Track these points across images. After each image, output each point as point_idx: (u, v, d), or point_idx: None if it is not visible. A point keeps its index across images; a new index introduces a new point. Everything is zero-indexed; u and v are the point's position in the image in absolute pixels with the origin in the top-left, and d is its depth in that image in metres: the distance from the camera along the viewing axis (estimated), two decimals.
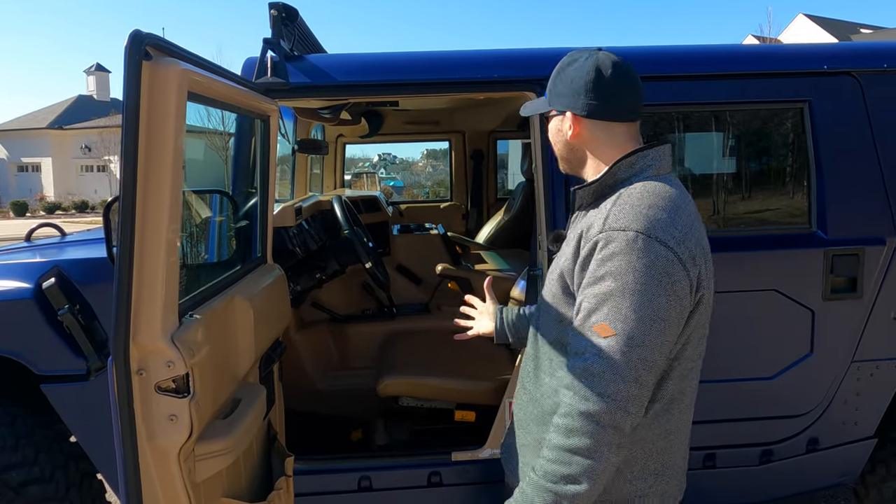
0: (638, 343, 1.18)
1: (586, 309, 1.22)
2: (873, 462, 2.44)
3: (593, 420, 1.18)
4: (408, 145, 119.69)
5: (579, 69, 1.34)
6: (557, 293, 1.35)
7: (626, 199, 1.28)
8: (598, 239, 1.24)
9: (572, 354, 1.25)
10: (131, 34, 1.11)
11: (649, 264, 1.20)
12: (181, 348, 1.24)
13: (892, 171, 2.26)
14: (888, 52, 2.30)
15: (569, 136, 1.38)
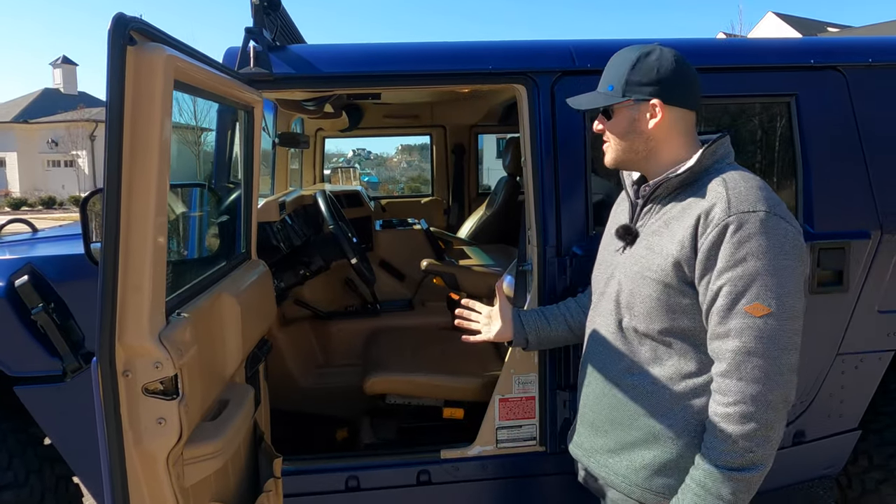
0: (790, 315, 1.25)
1: (733, 292, 1.26)
2: (856, 453, 2.47)
3: (766, 401, 1.23)
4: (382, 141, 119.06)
5: (662, 59, 1.40)
6: (670, 282, 1.36)
7: (736, 183, 1.33)
8: (729, 222, 1.27)
9: (721, 337, 1.28)
10: (115, 17, 1.05)
11: (783, 240, 1.27)
12: (169, 348, 1.19)
13: (876, 166, 2.27)
14: (873, 47, 2.32)
15: (650, 125, 1.41)
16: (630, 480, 1.47)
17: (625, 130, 1.44)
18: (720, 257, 1.28)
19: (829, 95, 2.27)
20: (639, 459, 1.45)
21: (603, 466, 1.54)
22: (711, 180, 1.36)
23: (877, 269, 2.28)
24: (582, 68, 2.20)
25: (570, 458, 2.29)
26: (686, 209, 1.36)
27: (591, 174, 2.22)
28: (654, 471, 1.43)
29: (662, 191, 1.43)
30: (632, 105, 1.42)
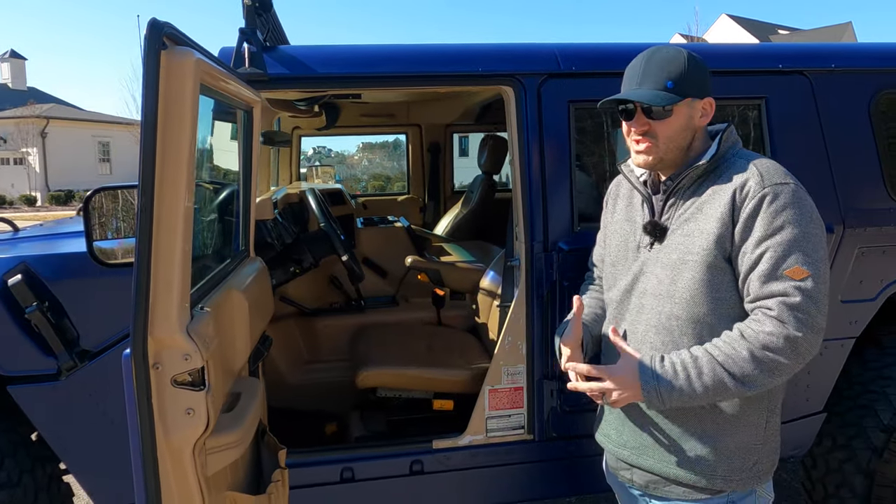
0: (824, 279, 1.37)
1: (775, 257, 1.36)
2: (821, 435, 2.61)
3: (795, 346, 1.33)
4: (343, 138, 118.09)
5: (700, 60, 1.51)
6: (713, 261, 1.43)
7: (761, 161, 1.45)
8: (765, 193, 1.38)
9: (764, 297, 1.37)
10: (150, 23, 1.09)
11: (811, 211, 1.40)
12: (197, 341, 1.23)
13: (838, 164, 2.42)
14: (836, 54, 2.47)
15: (701, 121, 1.52)
16: (695, 470, 1.50)
17: (681, 128, 1.49)
18: (758, 226, 1.38)
19: (795, 98, 2.41)
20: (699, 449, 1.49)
21: (661, 461, 1.54)
22: (734, 163, 1.47)
23: (840, 261, 2.42)
24: (567, 71, 2.29)
25: (557, 445, 2.41)
26: (717, 191, 1.45)
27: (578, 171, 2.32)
28: (716, 456, 1.48)
29: (687, 181, 1.50)
30: (690, 103, 1.48)
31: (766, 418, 1.51)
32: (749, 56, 2.42)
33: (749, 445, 1.50)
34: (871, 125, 2.43)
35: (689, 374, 1.38)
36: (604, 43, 2.46)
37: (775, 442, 1.57)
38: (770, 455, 1.55)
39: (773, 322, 1.34)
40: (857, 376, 2.59)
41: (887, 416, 2.43)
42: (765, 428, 1.52)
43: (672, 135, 1.49)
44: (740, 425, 1.49)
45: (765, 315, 1.36)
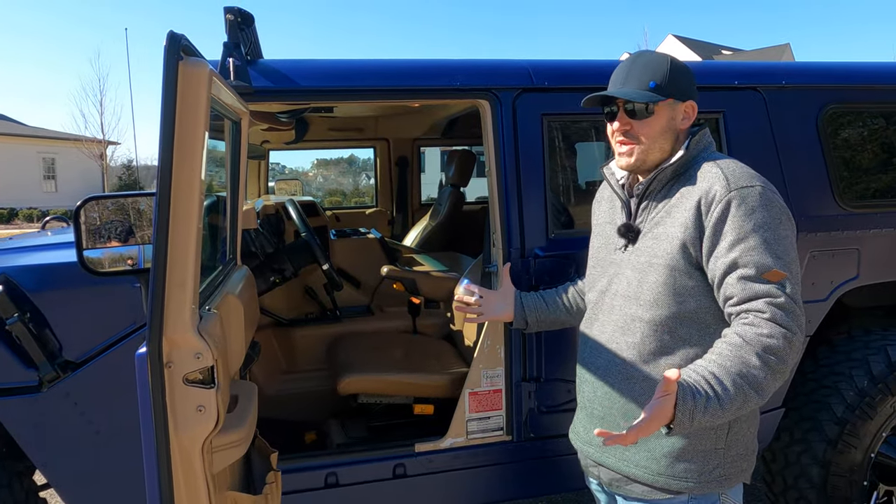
0: (798, 279, 1.39)
1: (752, 261, 1.36)
2: (779, 430, 2.76)
3: (791, 345, 1.33)
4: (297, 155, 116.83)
5: (684, 66, 1.55)
6: (676, 265, 1.44)
7: (727, 164, 1.47)
8: (731, 197, 1.39)
9: (747, 300, 1.36)
10: (169, 35, 1.15)
11: (780, 213, 1.41)
12: (208, 340, 1.28)
13: (790, 173, 2.59)
14: (786, 71, 2.65)
15: (683, 123, 1.54)
16: (652, 470, 1.51)
17: (662, 129, 1.51)
18: (728, 231, 1.38)
19: (750, 113, 2.58)
20: (657, 449, 1.50)
21: (621, 460, 1.56)
22: (702, 165, 1.48)
23: None
24: (539, 86, 2.41)
25: (535, 445, 2.49)
26: (685, 195, 1.46)
27: None
28: (675, 457, 1.49)
29: (657, 184, 1.52)
30: (672, 104, 1.51)
31: (728, 424, 1.49)
32: (707, 72, 2.58)
33: (709, 450, 1.49)
34: (819, 137, 2.61)
35: (716, 392, 1.31)
36: (574, 59, 2.59)
37: (742, 448, 1.54)
38: (735, 461, 1.52)
39: (769, 324, 1.33)
40: (811, 373, 2.75)
41: (840, 410, 2.59)
42: (727, 433, 1.50)
43: (653, 135, 1.51)
44: (702, 433, 1.48)
45: (758, 318, 1.34)
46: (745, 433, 1.54)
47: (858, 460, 2.60)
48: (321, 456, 2.40)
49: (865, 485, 2.65)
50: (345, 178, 34.41)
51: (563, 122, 2.47)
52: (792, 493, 2.72)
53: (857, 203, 2.64)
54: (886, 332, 2.79)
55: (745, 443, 1.55)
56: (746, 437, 1.55)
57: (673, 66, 1.52)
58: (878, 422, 2.60)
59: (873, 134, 2.76)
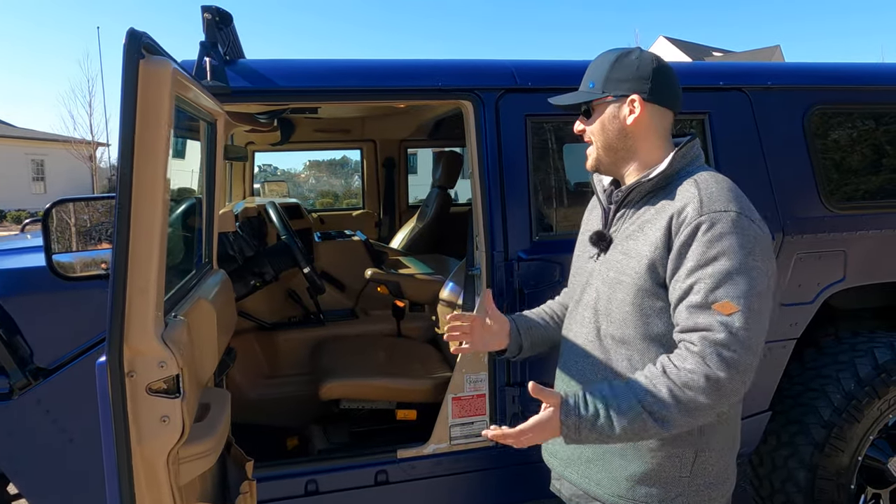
0: (757, 316, 1.26)
1: (704, 289, 1.27)
2: (766, 433, 2.74)
3: (717, 387, 1.23)
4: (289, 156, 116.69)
5: (641, 58, 1.43)
6: (644, 285, 1.36)
7: (707, 184, 1.35)
8: (701, 221, 1.29)
9: (689, 331, 1.28)
10: (129, 32, 1.11)
11: (753, 242, 1.29)
12: (172, 348, 1.24)
13: (777, 175, 2.57)
14: (771, 72, 2.63)
15: (629, 121, 1.42)
16: (612, 491, 1.46)
17: (606, 127, 1.44)
18: (691, 255, 1.29)
19: (735, 113, 2.55)
20: (619, 469, 1.45)
21: (583, 477, 1.52)
22: (683, 182, 1.38)
23: (780, 267, 2.56)
24: (523, 86, 2.38)
25: (519, 451, 2.45)
26: (660, 211, 1.38)
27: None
28: (636, 480, 1.43)
29: (635, 195, 1.44)
30: (612, 101, 1.43)
31: (694, 453, 1.42)
32: (692, 73, 2.56)
33: (670, 477, 1.42)
34: (805, 138, 2.59)
35: (609, 412, 1.29)
36: (556, 60, 2.56)
37: (711, 477, 1.45)
38: (701, 491, 1.44)
39: (694, 359, 1.26)
40: (797, 376, 2.73)
41: (827, 413, 2.57)
42: (693, 462, 1.42)
43: (597, 134, 1.46)
44: (661, 455, 1.42)
45: (687, 350, 1.28)
46: (715, 462, 1.45)
47: (845, 464, 2.59)
48: (301, 463, 2.36)
49: (853, 488, 2.64)
50: (337, 179, 34.34)
51: (548, 124, 2.43)
52: (779, 496, 2.70)
53: (843, 204, 2.62)
54: (873, 335, 2.77)
55: (715, 472, 1.45)
56: (717, 465, 1.45)
57: (616, 62, 1.44)
58: (866, 425, 2.58)
59: (860, 135, 2.74)
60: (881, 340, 2.69)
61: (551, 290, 2.33)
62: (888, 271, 2.66)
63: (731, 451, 1.50)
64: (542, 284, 2.33)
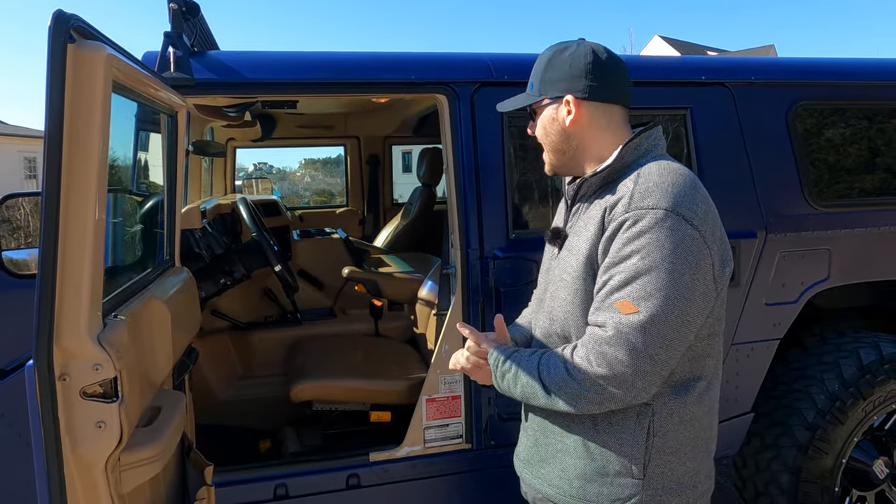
0: (659, 321, 1.20)
1: (611, 286, 1.24)
2: (749, 435, 2.69)
3: (596, 384, 1.24)
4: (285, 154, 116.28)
5: (575, 54, 1.36)
6: (582, 284, 1.33)
7: (647, 178, 1.28)
8: (626, 217, 1.24)
9: (592, 324, 1.27)
10: (55, 14, 1.04)
11: (677, 242, 1.21)
12: (109, 350, 1.17)
13: (760, 172, 2.51)
14: (755, 67, 2.58)
15: (567, 122, 1.36)
16: (564, 490, 1.42)
17: (548, 131, 1.41)
18: (611, 251, 1.26)
19: (718, 108, 2.50)
20: (571, 468, 1.41)
21: (537, 477, 1.49)
22: (627, 177, 1.32)
23: (763, 266, 2.51)
24: (499, 80, 2.32)
25: (496, 454, 2.40)
26: (601, 206, 1.33)
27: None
28: (587, 479, 1.39)
29: (586, 190, 1.39)
30: (549, 103, 1.39)
31: (646, 454, 1.34)
32: (674, 68, 2.51)
33: (622, 480, 1.36)
34: (789, 135, 2.54)
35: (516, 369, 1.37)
36: (534, 53, 2.50)
37: (671, 482, 1.36)
38: (657, 496, 1.36)
39: (581, 352, 1.26)
40: (781, 377, 2.69)
41: (811, 415, 2.53)
42: (645, 464, 1.34)
43: (542, 137, 1.44)
44: (610, 455, 1.36)
45: (581, 343, 1.28)
46: (675, 467, 1.36)
47: (829, 466, 2.54)
48: (270, 466, 2.29)
49: (837, 491, 2.59)
50: (332, 177, 34.19)
51: (525, 118, 2.37)
52: (763, 499, 2.66)
53: (828, 202, 2.57)
54: (858, 335, 2.73)
55: (675, 477, 1.36)
56: (678, 470, 1.36)
57: (550, 63, 1.39)
58: (850, 426, 2.54)
59: (845, 131, 2.69)
60: (866, 341, 2.65)
61: (527, 288, 2.27)
62: (873, 270, 2.62)
63: (702, 454, 1.41)
64: (517, 283, 2.27)
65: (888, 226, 2.59)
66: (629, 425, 1.34)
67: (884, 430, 2.69)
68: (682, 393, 1.33)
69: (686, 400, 1.34)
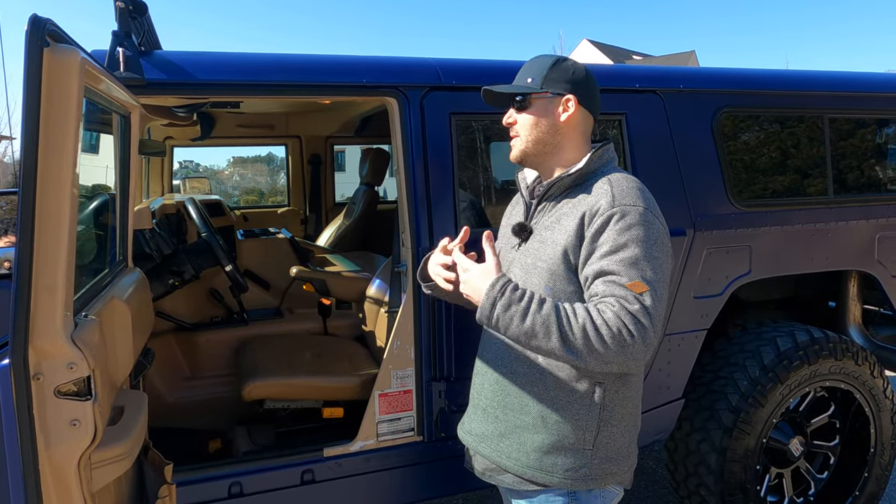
0: (659, 299, 1.39)
1: (617, 270, 1.39)
2: (680, 420, 2.87)
3: (623, 344, 1.33)
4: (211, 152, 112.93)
5: (576, 66, 1.58)
6: (557, 270, 1.49)
7: (620, 183, 1.50)
8: (615, 212, 1.43)
9: (612, 296, 1.37)
10: (31, 19, 1.05)
11: (657, 234, 1.44)
12: (83, 349, 1.19)
13: (688, 174, 2.69)
14: (683, 75, 2.76)
15: (563, 117, 1.55)
16: (522, 462, 1.56)
17: (536, 120, 1.55)
18: (604, 241, 1.43)
19: (650, 114, 2.66)
20: (529, 442, 1.55)
21: (495, 451, 1.61)
22: (598, 180, 1.52)
23: (692, 261, 2.69)
24: (447, 84, 2.40)
25: (446, 445, 2.48)
26: (576, 205, 1.51)
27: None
28: (544, 452, 1.54)
29: (556, 190, 1.56)
30: (549, 97, 1.55)
31: (597, 426, 1.53)
32: (612, 76, 2.65)
33: (576, 448, 1.53)
34: (713, 139, 2.73)
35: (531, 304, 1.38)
36: (481, 59, 2.60)
37: (612, 452, 1.56)
38: (602, 464, 1.55)
39: (610, 311, 1.36)
40: (708, 364, 2.88)
41: (735, 399, 2.72)
42: (596, 436, 1.53)
43: (530, 127, 1.57)
44: (567, 428, 1.52)
45: (607, 306, 1.37)
46: (618, 437, 1.57)
47: (752, 446, 2.74)
48: (224, 465, 2.30)
49: (758, 469, 2.80)
50: (262, 176, 33.43)
51: (473, 122, 2.47)
52: (693, 479, 2.84)
53: (748, 202, 2.78)
54: (777, 324, 2.95)
55: (616, 447, 1.57)
56: (619, 441, 1.57)
57: (555, 64, 1.58)
58: (769, 409, 2.74)
59: (764, 137, 2.91)
60: (783, 330, 2.87)
61: None
62: (788, 265, 2.84)
63: (633, 428, 1.62)
64: None
65: (800, 224, 2.82)
66: (586, 402, 1.51)
67: (798, 411, 2.92)
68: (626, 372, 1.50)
69: (628, 378, 1.55)
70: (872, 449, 3.00)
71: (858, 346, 2.92)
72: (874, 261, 3.00)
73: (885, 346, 3.23)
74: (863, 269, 3.00)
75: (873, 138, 3.10)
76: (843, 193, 2.96)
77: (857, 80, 3.06)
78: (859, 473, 3.03)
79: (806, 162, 2.94)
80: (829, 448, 3.02)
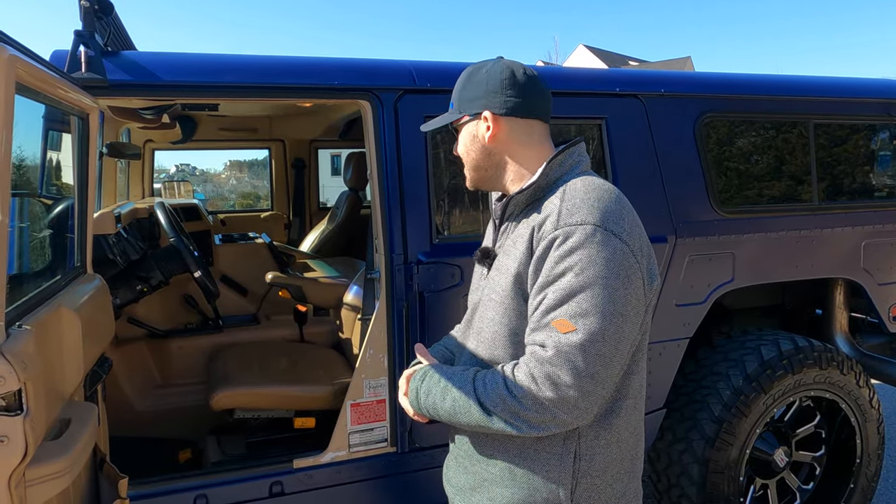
0: (597, 339, 1.17)
1: (546, 305, 1.21)
2: (662, 430, 2.82)
3: (540, 403, 1.18)
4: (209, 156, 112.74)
5: (492, 71, 1.35)
6: (510, 303, 1.31)
7: (573, 194, 1.27)
8: (556, 235, 1.22)
9: (531, 343, 1.23)
10: None
11: (608, 258, 1.19)
12: (12, 361, 1.12)
13: (670, 180, 2.64)
14: (665, 80, 2.71)
15: (486, 138, 1.35)
16: None
17: (469, 148, 1.40)
18: (543, 270, 1.23)
19: (631, 119, 2.61)
20: (498, 497, 1.36)
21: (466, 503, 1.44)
22: (553, 194, 1.30)
23: (673, 269, 2.64)
24: (422, 87, 2.35)
25: (420, 456, 2.42)
26: (528, 225, 1.31)
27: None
28: None
29: (513, 208, 1.37)
30: (468, 120, 1.38)
31: (572, 479, 1.31)
32: (590, 79, 2.60)
33: (549, 500, 1.31)
34: (696, 144, 2.68)
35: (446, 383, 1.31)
36: (457, 62, 2.54)
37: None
38: None
39: (523, 372, 1.21)
40: (691, 374, 2.83)
41: (718, 409, 2.67)
42: (572, 489, 1.31)
43: (465, 154, 1.42)
44: (538, 481, 1.32)
45: (523, 362, 1.23)
46: (602, 490, 1.33)
47: (735, 457, 2.69)
48: (189, 477, 2.24)
49: (742, 480, 2.75)
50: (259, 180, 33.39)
51: (449, 125, 2.41)
52: (675, 490, 2.78)
53: (731, 209, 2.73)
54: (761, 333, 2.90)
55: (603, 499, 1.34)
56: (605, 493, 1.34)
57: (467, 81, 1.39)
58: (753, 419, 2.69)
59: (748, 142, 2.86)
60: (767, 338, 2.82)
61: (450, 293, 2.31)
62: (772, 273, 2.79)
63: (627, 475, 1.37)
64: (441, 287, 2.30)
65: (784, 231, 2.77)
66: (556, 450, 1.30)
67: (783, 421, 2.87)
68: (607, 414, 1.29)
69: (612, 421, 1.30)
70: (858, 459, 2.95)
71: (844, 355, 2.87)
72: (860, 269, 2.95)
73: (872, 354, 3.18)
74: (848, 277, 2.95)
75: (859, 144, 3.06)
76: (828, 200, 2.92)
77: (843, 85, 3.02)
78: (846, 484, 2.98)
79: (790, 168, 2.89)
80: (814, 458, 2.96)
